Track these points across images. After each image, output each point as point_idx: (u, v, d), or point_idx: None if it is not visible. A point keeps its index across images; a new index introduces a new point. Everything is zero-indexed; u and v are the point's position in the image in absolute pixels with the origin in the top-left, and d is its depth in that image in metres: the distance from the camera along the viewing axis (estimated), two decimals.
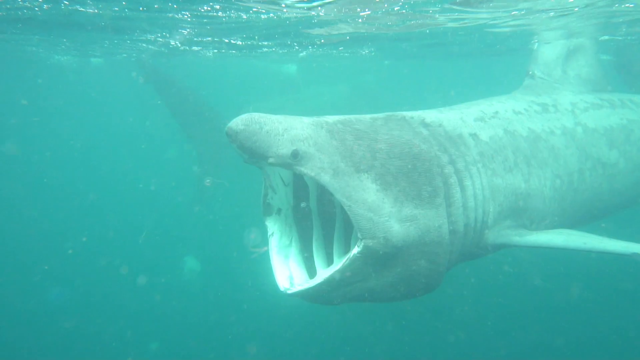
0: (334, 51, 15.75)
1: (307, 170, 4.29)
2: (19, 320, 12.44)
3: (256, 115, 4.32)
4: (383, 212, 4.31)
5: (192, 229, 15.75)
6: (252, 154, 4.31)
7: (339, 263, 4.44)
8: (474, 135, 5.35)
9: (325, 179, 4.29)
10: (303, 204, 4.91)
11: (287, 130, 4.34)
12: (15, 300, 12.91)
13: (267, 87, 27.69)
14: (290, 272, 4.82)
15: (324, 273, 4.54)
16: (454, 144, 5.11)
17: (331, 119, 4.72)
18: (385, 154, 4.56)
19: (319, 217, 5.16)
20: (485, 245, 5.19)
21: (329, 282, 4.40)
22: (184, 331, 11.99)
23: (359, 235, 4.30)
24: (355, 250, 4.31)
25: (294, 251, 5.00)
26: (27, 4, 9.33)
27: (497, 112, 5.84)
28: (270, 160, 4.27)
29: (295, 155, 4.27)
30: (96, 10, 9.54)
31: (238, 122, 4.25)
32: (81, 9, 9.40)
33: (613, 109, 6.93)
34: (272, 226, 5.01)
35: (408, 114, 5.23)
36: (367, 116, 5.00)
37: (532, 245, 5.23)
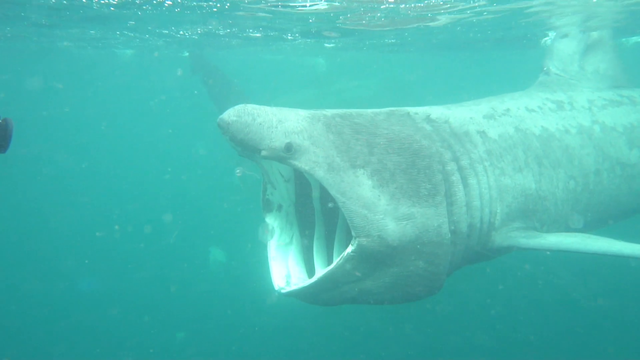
0: (361, 43, 15.65)
1: (301, 164, 4.14)
2: (55, 308, 12.71)
3: (249, 107, 4.19)
4: (378, 209, 4.13)
5: (218, 220, 15.88)
6: (245, 146, 4.18)
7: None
8: (482, 133, 5.12)
9: (320, 173, 4.13)
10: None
11: (281, 122, 4.19)
12: (48, 288, 13.18)
13: (295, 80, 27.70)
14: (288, 270, 4.70)
15: (319, 272, 4.37)
16: (459, 141, 4.89)
17: (330, 112, 4.54)
18: (384, 149, 4.37)
19: (323, 215, 5.01)
20: (491, 247, 4.96)
21: (322, 282, 4.25)
22: (209, 321, 12.10)
23: (352, 233, 4.12)
24: (349, 249, 4.14)
25: (294, 249, 4.87)
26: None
27: (508, 110, 5.60)
28: (263, 153, 4.13)
29: (288, 148, 4.12)
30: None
31: (230, 113, 4.13)
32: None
33: (634, 105, 6.60)
34: (272, 223, 4.90)
35: (413, 109, 5.02)
36: (369, 110, 4.80)
37: (540, 248, 4.99)
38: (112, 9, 10.65)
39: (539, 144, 5.42)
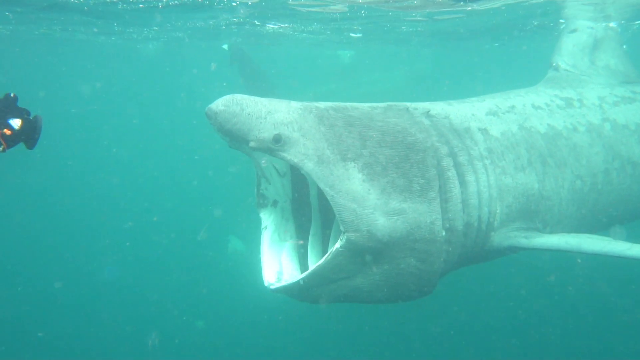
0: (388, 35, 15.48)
1: (290, 156, 4.04)
2: (81, 295, 12.94)
3: (238, 97, 4.10)
4: (368, 203, 4.00)
5: (236, 209, 15.97)
6: (232, 137, 4.10)
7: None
8: (483, 130, 4.96)
9: (309, 166, 4.02)
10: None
11: (270, 113, 4.10)
12: (78, 278, 13.40)
13: (322, 72, 27.56)
14: (280, 267, 4.61)
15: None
16: (458, 137, 4.74)
17: (324, 104, 4.42)
18: (376, 142, 4.24)
19: (320, 212, 4.90)
20: (490, 247, 4.81)
21: (311, 279, 4.15)
22: (229, 310, 12.16)
23: (341, 228, 4.01)
24: (338, 244, 4.03)
25: (288, 246, 4.78)
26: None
27: (513, 107, 5.40)
28: (251, 144, 4.04)
29: (277, 139, 4.03)
30: None
31: (219, 103, 4.05)
32: None
33: None
34: (267, 219, 4.82)
35: (412, 104, 4.88)
36: (366, 105, 4.67)
37: (540, 248, 4.81)
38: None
39: (544, 143, 5.23)
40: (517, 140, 5.08)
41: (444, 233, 4.34)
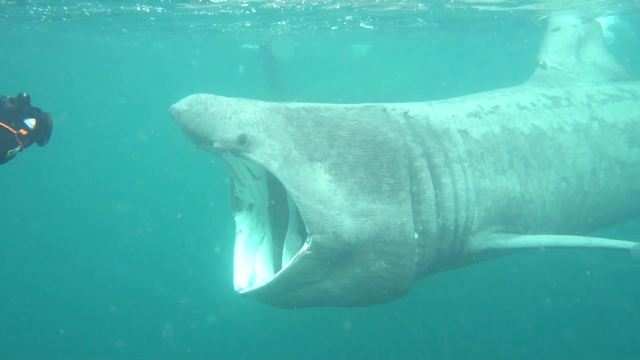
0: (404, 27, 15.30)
1: (256, 157, 3.94)
2: (96, 290, 13.08)
3: (203, 96, 4.00)
4: (334, 204, 3.89)
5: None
6: (197, 137, 4.00)
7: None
8: (463, 132, 4.81)
9: (274, 166, 3.91)
10: None
11: (235, 113, 4.01)
12: (91, 272, 13.55)
13: (338, 66, 27.42)
14: (253, 271, 4.52)
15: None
16: (436, 139, 4.60)
17: (295, 105, 4.32)
18: (345, 141, 4.12)
19: (297, 216, 4.72)
20: (469, 251, 4.68)
21: (279, 283, 4.05)
22: (238, 305, 12.18)
23: (307, 230, 3.91)
24: (304, 246, 3.92)
25: (263, 250, 4.69)
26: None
27: (497, 107, 5.25)
28: (216, 144, 3.94)
29: (242, 140, 3.93)
30: None
31: (182, 102, 3.96)
32: None
33: (636, 100, 6.10)
34: (241, 223, 4.73)
35: (391, 105, 4.75)
36: (341, 105, 4.55)
37: (519, 247, 4.70)
38: None
39: (528, 144, 5.08)
40: (498, 142, 4.95)
41: (416, 235, 4.23)
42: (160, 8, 10.96)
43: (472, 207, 4.60)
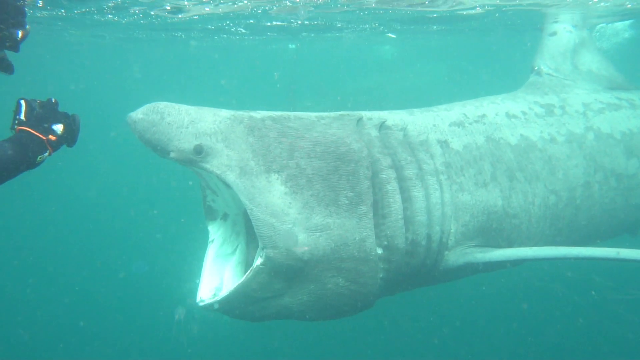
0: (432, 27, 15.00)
1: (213, 167, 3.81)
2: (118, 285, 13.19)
3: (161, 105, 3.87)
4: (287, 218, 3.73)
5: None
6: (153, 147, 3.87)
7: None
8: (443, 143, 4.60)
9: (230, 177, 3.78)
10: None
11: (193, 122, 3.86)
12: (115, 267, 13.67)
13: (365, 66, 27.15)
14: (221, 283, 4.38)
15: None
16: (410, 150, 4.40)
17: (262, 114, 4.16)
18: (305, 152, 3.95)
19: None
20: (446, 267, 4.45)
21: (234, 297, 3.93)
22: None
23: (260, 244, 3.77)
24: (258, 261, 3.80)
25: (234, 261, 4.54)
26: None
27: (483, 116, 5.00)
28: (172, 154, 3.82)
29: (198, 150, 3.80)
30: None
31: (138, 111, 3.84)
32: None
33: (634, 110, 5.75)
34: (215, 232, 4.60)
35: (368, 114, 4.55)
36: (313, 114, 4.36)
37: (497, 260, 4.43)
38: None
39: (514, 156, 4.82)
40: (481, 153, 4.71)
41: (380, 251, 4.05)
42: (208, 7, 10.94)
43: (448, 221, 4.38)
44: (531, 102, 5.42)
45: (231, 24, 13.49)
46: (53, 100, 2.86)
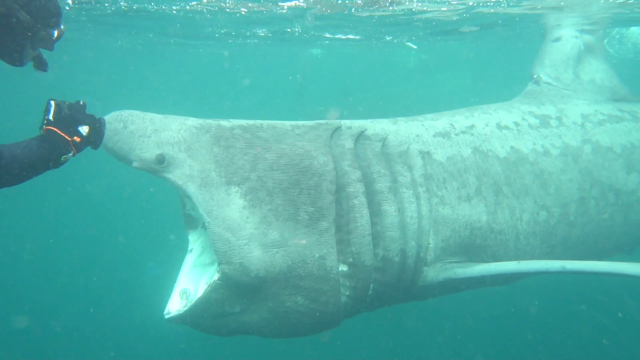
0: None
1: (175, 178, 3.70)
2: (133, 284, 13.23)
3: (125, 113, 3.76)
4: (243, 233, 3.59)
5: None
6: (117, 156, 3.77)
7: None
8: (425, 154, 4.38)
9: (191, 189, 3.67)
10: None
11: (156, 131, 3.76)
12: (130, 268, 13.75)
13: (391, 74, 26.91)
14: (196, 294, 4.13)
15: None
16: (385, 161, 4.21)
17: (232, 123, 4.01)
18: (268, 165, 3.79)
19: None
20: (425, 283, 4.23)
21: (194, 312, 3.83)
22: None
23: (216, 259, 3.65)
24: (215, 276, 3.68)
25: (212, 271, 4.28)
26: None
27: (472, 127, 4.75)
28: (134, 164, 3.71)
29: (160, 160, 3.69)
30: None
31: (102, 119, 3.67)
32: None
33: (637, 122, 5.42)
34: (194, 241, 4.47)
35: (348, 122, 4.37)
36: (289, 123, 4.20)
37: (479, 275, 4.19)
38: None
39: (502, 169, 4.56)
40: (466, 165, 4.47)
41: (345, 268, 3.86)
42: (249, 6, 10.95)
43: (426, 236, 4.17)
44: (526, 112, 5.15)
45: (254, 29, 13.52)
46: (81, 103, 2.90)
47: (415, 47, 22.81)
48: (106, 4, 10.19)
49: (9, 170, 2.44)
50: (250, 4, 9.96)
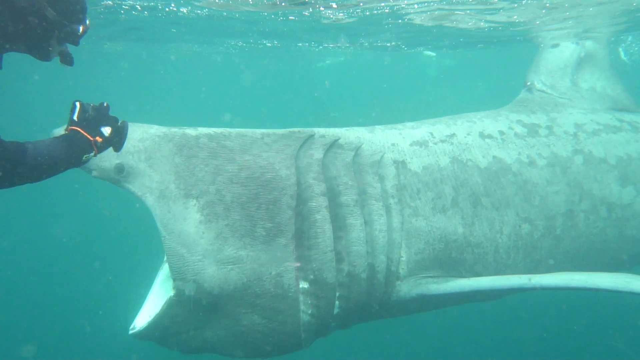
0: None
1: (135, 188, 3.63)
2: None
3: None
4: (197, 249, 3.49)
5: None
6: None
7: None
8: (400, 164, 4.21)
9: (150, 200, 3.58)
10: None
11: None
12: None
13: (420, 79, 26.60)
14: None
15: None
16: (355, 172, 4.04)
17: (198, 131, 3.90)
18: (228, 178, 3.68)
19: None
20: (398, 298, 4.04)
21: (152, 329, 3.72)
22: None
23: (170, 275, 3.56)
24: (172, 292, 3.57)
25: None
26: None
27: (452, 135, 4.54)
28: (94, 173, 3.65)
29: (119, 169, 3.62)
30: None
31: (62, 128, 3.49)
32: None
33: (636, 133, 5.10)
34: None
35: (321, 131, 4.23)
36: (260, 131, 4.07)
37: (452, 292, 3.98)
38: None
39: (481, 180, 4.34)
40: (443, 175, 4.27)
41: (307, 286, 3.72)
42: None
43: (397, 249, 3.99)
44: (513, 121, 4.90)
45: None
46: (105, 104, 2.95)
47: (434, 54, 22.56)
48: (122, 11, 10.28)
49: (33, 167, 2.52)
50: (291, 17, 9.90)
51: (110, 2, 8.98)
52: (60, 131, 3.66)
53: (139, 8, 9.52)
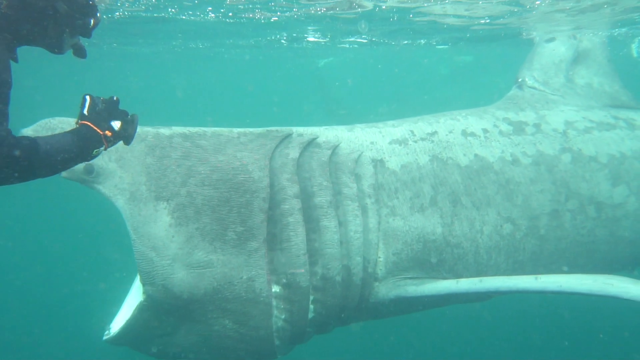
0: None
1: (105, 189, 3.56)
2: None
3: (54, 121, 3.58)
4: (167, 253, 3.44)
5: None
6: None
7: None
8: (378, 162, 4.14)
9: (120, 202, 3.52)
10: None
11: None
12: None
13: (443, 75, 26.32)
14: None
15: None
16: (330, 172, 3.97)
17: (173, 130, 3.84)
18: (200, 179, 3.61)
19: None
20: (377, 300, 3.98)
21: (124, 334, 3.68)
22: None
23: (140, 279, 3.52)
24: (142, 297, 3.53)
25: None
26: None
27: (433, 133, 4.45)
28: (63, 174, 3.54)
29: (89, 170, 3.54)
30: None
31: (30, 128, 3.60)
32: None
33: (631, 130, 4.91)
34: None
35: (300, 130, 4.18)
36: (236, 130, 4.00)
37: (431, 294, 3.90)
38: None
39: (461, 178, 4.24)
40: (422, 174, 4.19)
41: (279, 290, 3.66)
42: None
43: (374, 250, 3.92)
44: (500, 118, 4.77)
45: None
46: (115, 98, 2.97)
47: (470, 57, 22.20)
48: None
49: (44, 162, 2.52)
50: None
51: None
52: (28, 132, 3.70)
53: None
